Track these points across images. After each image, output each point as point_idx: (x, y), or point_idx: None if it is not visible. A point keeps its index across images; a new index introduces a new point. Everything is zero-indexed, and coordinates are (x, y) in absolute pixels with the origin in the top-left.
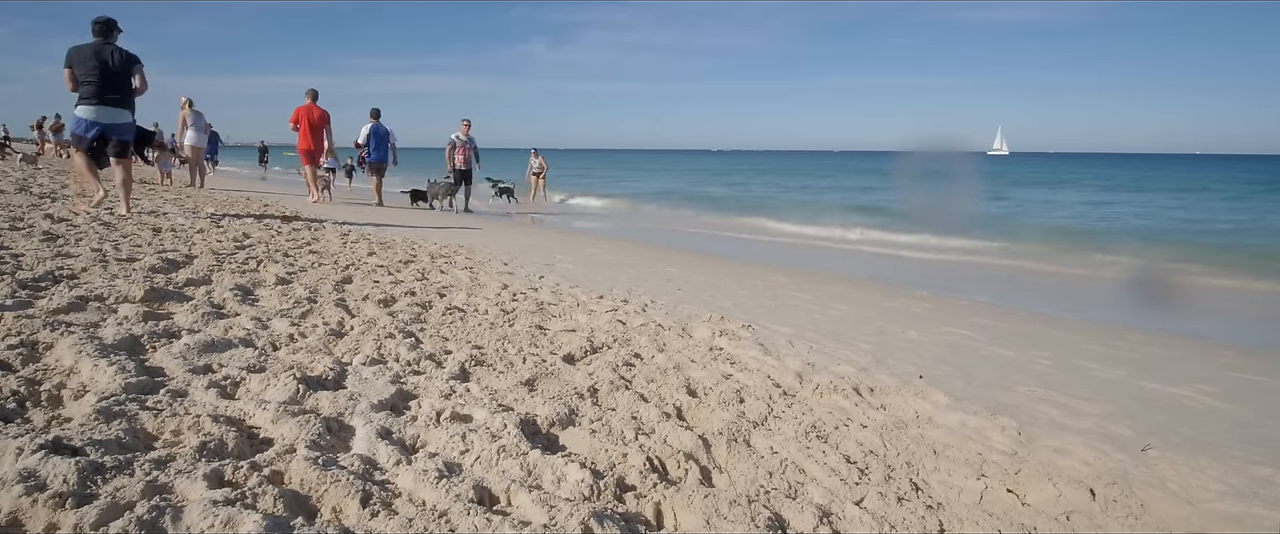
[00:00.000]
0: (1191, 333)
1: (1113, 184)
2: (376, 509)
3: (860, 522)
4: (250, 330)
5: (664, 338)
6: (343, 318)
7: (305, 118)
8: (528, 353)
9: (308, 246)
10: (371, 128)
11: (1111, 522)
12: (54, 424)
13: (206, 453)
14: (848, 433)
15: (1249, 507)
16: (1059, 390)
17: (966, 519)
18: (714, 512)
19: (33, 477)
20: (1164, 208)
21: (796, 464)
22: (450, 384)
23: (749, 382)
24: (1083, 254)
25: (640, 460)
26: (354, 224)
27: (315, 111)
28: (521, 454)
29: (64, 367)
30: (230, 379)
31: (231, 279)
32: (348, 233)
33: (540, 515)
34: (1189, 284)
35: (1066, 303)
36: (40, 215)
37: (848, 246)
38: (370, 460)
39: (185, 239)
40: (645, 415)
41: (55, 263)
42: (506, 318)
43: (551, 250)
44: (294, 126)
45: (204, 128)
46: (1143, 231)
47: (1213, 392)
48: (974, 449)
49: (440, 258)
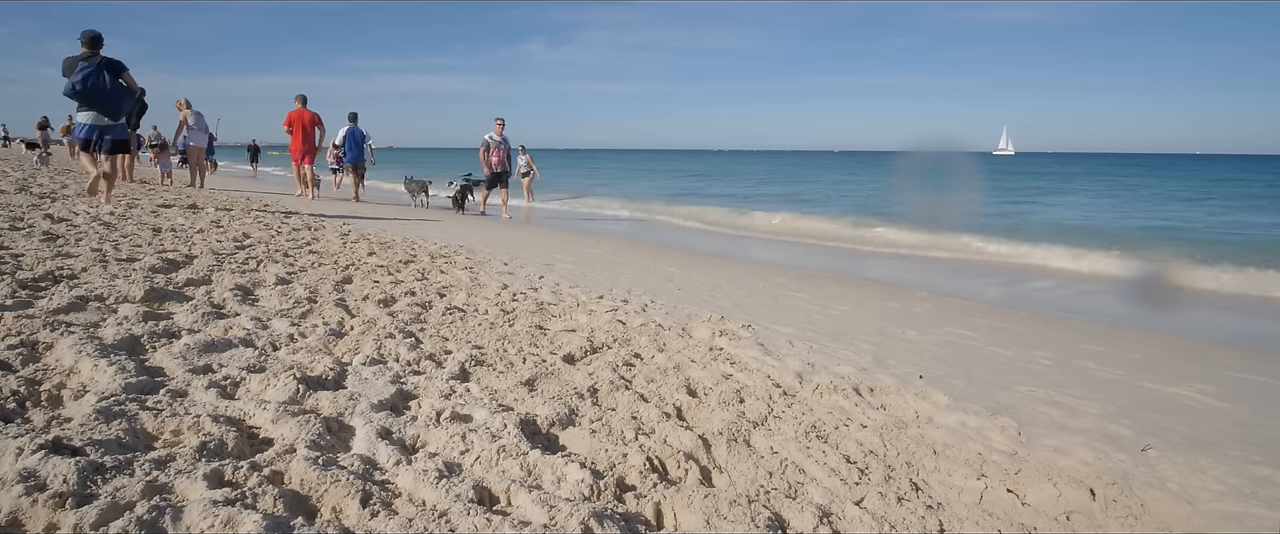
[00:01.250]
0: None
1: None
2: (376, 509)
3: (860, 522)
4: (250, 330)
5: (664, 338)
6: (343, 318)
7: (298, 121)
8: (528, 353)
9: (308, 246)
10: (348, 130)
11: (1111, 522)
12: (54, 424)
13: (206, 453)
14: (848, 433)
15: (1249, 507)
16: (1059, 390)
17: (966, 519)
18: (714, 512)
19: (33, 477)
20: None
21: (796, 464)
22: (450, 384)
23: (749, 382)
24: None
25: (640, 460)
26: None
27: (306, 114)
28: (521, 454)
29: (64, 367)
30: (230, 379)
31: (231, 279)
32: (348, 233)
33: (540, 515)
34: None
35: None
36: (40, 215)
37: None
38: (370, 460)
39: (185, 239)
40: (645, 415)
41: (55, 263)
42: (506, 318)
43: (551, 250)
44: (287, 129)
45: (204, 128)
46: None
47: (1213, 392)
48: (974, 449)
49: (440, 258)
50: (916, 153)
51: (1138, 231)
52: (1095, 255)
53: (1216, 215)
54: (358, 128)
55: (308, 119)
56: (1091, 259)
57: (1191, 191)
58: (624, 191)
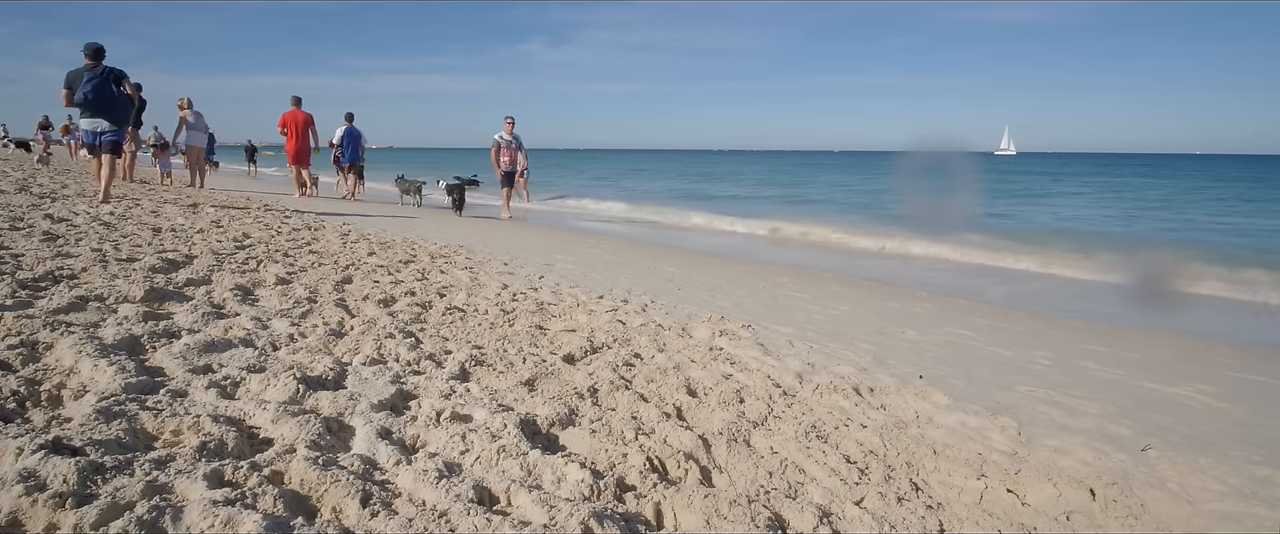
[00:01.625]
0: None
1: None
2: (376, 509)
3: (860, 522)
4: (250, 330)
5: (664, 338)
6: (343, 318)
7: (292, 122)
8: (528, 353)
9: (308, 247)
10: (346, 130)
11: (1111, 522)
12: (54, 424)
13: (206, 453)
14: (848, 433)
15: (1249, 507)
16: (1059, 390)
17: (966, 519)
18: (714, 512)
19: (33, 477)
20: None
21: (796, 464)
22: (450, 384)
23: (749, 382)
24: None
25: (640, 460)
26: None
27: (300, 116)
28: (521, 454)
29: (64, 367)
30: (230, 379)
31: (231, 279)
32: (348, 233)
33: (540, 515)
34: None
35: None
36: (40, 215)
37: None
38: (370, 460)
39: (185, 239)
40: (645, 415)
41: (55, 263)
42: (506, 318)
43: (551, 250)
44: (282, 131)
45: (204, 128)
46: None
47: (1213, 392)
48: (974, 449)
49: (440, 258)
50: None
51: (1140, 231)
52: (1096, 255)
53: (1218, 215)
54: (355, 128)
55: (302, 120)
56: (1093, 259)
57: (1193, 191)
58: (624, 191)
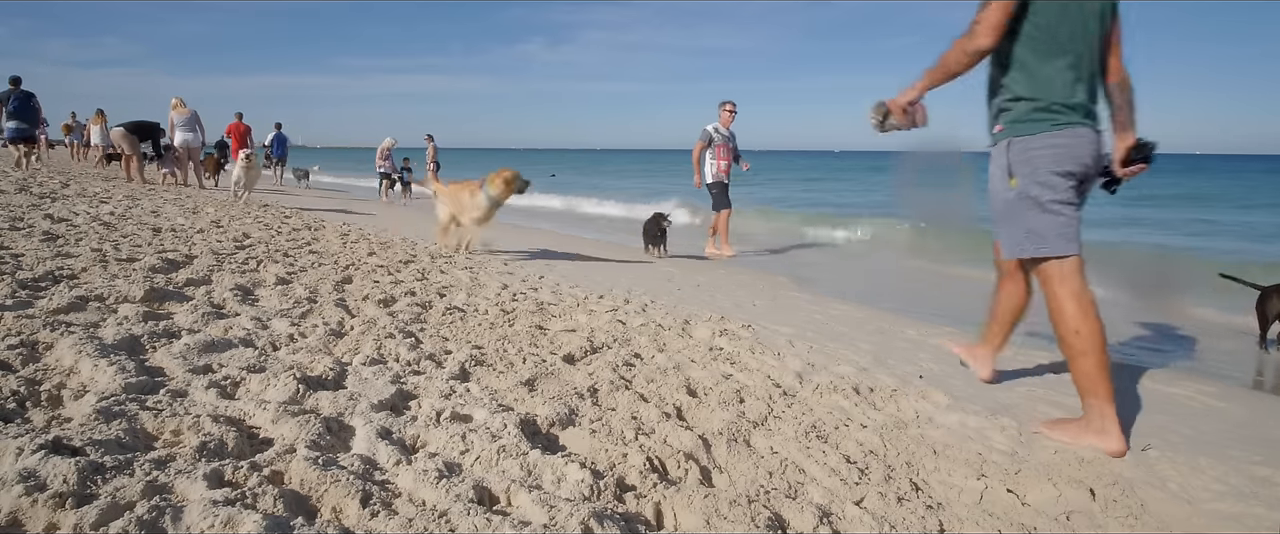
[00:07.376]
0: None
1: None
2: (376, 509)
3: (860, 522)
4: (250, 330)
5: (664, 338)
6: (343, 318)
7: (235, 132)
8: (528, 353)
9: (308, 247)
10: (275, 135)
11: (1111, 522)
12: (54, 424)
13: (206, 453)
14: (848, 433)
15: (1249, 507)
16: (1059, 390)
17: (966, 519)
18: (714, 512)
19: (33, 477)
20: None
21: (796, 464)
22: (450, 384)
23: (749, 382)
24: None
25: (640, 460)
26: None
27: (242, 127)
28: (521, 454)
29: (64, 367)
30: (230, 379)
31: (231, 279)
32: (348, 233)
33: (540, 515)
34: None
35: None
36: (40, 215)
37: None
38: (370, 460)
39: (185, 239)
40: (645, 415)
41: (55, 263)
42: (506, 318)
43: (551, 250)
44: (226, 137)
45: (195, 127)
46: None
47: (1213, 392)
48: (974, 449)
49: (440, 258)
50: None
51: (1140, 231)
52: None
53: (1218, 216)
54: (283, 133)
55: (242, 130)
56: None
57: (1194, 191)
58: (624, 191)
